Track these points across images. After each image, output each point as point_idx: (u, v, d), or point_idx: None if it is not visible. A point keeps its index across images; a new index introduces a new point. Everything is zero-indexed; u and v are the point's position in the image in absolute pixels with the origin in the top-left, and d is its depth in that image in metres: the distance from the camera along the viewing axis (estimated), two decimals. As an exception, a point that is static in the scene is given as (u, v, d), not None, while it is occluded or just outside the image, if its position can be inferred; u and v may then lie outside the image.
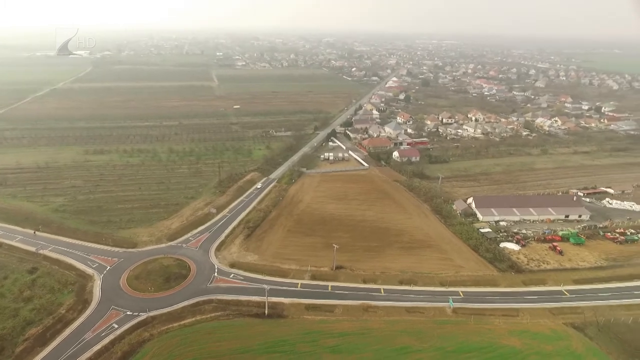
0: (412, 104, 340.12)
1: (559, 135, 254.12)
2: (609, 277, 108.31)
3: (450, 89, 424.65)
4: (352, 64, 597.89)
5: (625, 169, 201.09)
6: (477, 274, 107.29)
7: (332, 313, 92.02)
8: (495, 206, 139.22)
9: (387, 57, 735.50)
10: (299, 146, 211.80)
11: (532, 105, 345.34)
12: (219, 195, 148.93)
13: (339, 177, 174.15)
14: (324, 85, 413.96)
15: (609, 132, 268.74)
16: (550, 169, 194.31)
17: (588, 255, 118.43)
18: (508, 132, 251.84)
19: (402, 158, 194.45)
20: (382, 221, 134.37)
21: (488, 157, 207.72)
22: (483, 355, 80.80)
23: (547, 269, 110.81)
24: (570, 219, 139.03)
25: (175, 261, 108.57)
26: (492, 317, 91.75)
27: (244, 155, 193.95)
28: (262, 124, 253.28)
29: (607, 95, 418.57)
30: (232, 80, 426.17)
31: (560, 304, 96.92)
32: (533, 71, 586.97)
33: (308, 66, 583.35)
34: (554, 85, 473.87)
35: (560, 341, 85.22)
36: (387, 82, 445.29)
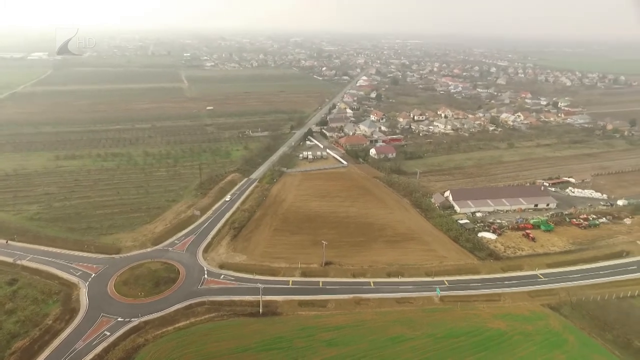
0: (383, 102, 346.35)
1: (522, 130, 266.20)
2: (577, 260, 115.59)
3: (419, 87, 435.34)
4: (322, 63, 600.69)
5: (583, 159, 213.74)
6: (460, 263, 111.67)
7: (325, 308, 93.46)
8: (471, 198, 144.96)
9: (356, 57, 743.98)
10: (277, 146, 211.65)
11: (496, 102, 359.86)
12: (200, 197, 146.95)
13: (320, 175, 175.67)
14: (296, 85, 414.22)
15: (566, 126, 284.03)
16: (517, 162, 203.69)
17: (557, 240, 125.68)
18: (476, 128, 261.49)
19: (379, 155, 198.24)
20: (365, 217, 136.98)
21: (459, 152, 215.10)
22: (471, 339, 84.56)
23: (523, 255, 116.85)
24: (539, 208, 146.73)
25: (163, 265, 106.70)
26: (476, 302, 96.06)
27: (222, 157, 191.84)
28: (238, 124, 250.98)
29: (561, 91, 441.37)
30: (202, 81, 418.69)
31: (537, 287, 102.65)
32: (494, 69, 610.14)
33: (278, 66, 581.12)
34: (514, 82, 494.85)
35: (540, 321, 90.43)
36: (358, 81, 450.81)
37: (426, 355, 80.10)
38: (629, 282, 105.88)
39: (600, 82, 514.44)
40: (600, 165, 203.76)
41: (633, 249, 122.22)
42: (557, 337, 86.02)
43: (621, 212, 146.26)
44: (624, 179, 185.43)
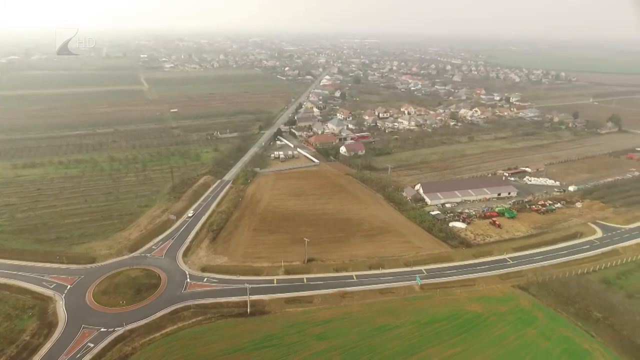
0: (347, 100, 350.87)
1: (480, 124, 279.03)
2: (539, 243, 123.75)
3: (380, 85, 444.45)
4: (284, 63, 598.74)
5: (535, 150, 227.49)
6: (435, 252, 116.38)
7: (311, 303, 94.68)
8: (440, 190, 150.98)
9: (317, 56, 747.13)
10: (247, 147, 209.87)
11: (454, 98, 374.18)
12: (174, 201, 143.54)
13: (293, 174, 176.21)
14: (260, 85, 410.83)
15: (519, 119, 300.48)
16: (478, 154, 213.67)
17: (520, 226, 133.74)
18: (438, 123, 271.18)
19: (350, 152, 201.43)
20: (341, 213, 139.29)
21: (424, 147, 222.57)
22: (452, 322, 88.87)
23: (491, 242, 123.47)
24: (502, 197, 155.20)
25: (143, 272, 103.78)
26: (454, 288, 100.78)
27: (192, 159, 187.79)
28: (205, 126, 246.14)
29: (511, 87, 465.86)
30: (163, 83, 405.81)
31: (506, 270, 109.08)
32: (449, 67, 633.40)
33: (240, 66, 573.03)
34: (468, 79, 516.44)
35: (511, 301, 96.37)
36: (321, 80, 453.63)
37: (412, 341, 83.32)
38: (585, 260, 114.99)
39: (544, 78, 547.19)
40: (551, 155, 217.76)
41: (585, 230, 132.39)
42: (528, 314, 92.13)
43: (573, 197, 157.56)
44: (572, 166, 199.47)
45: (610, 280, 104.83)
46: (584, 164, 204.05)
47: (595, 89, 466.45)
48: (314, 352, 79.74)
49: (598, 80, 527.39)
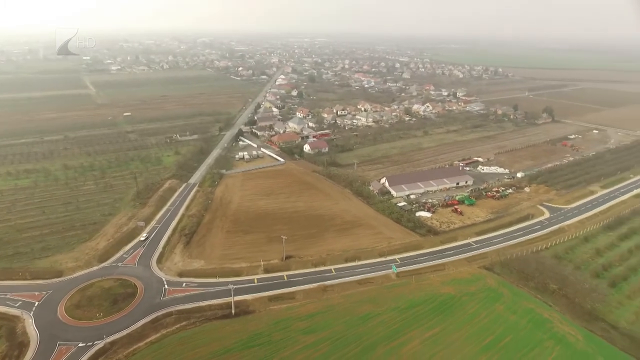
0: (305, 99, 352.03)
1: (432, 119, 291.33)
2: (497, 226, 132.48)
3: (335, 84, 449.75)
4: (237, 63, 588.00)
5: (484, 141, 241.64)
6: (406, 241, 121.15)
7: (294, 299, 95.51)
8: (404, 183, 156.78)
9: (269, 56, 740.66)
10: (210, 148, 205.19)
11: (406, 94, 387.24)
12: (140, 208, 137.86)
13: (260, 174, 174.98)
14: (215, 86, 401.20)
15: (466, 113, 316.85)
16: (433, 147, 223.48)
17: (479, 212, 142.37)
18: (394, 119, 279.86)
19: (313, 150, 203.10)
20: (313, 209, 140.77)
21: (384, 142, 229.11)
22: (429, 305, 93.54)
23: (455, 228, 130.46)
24: (460, 186, 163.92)
25: (117, 281, 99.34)
26: (427, 274, 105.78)
27: (153, 164, 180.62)
28: (162, 129, 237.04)
29: (456, 82, 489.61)
30: (111, 86, 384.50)
31: (472, 253, 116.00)
32: (398, 64, 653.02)
33: (191, 67, 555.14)
34: (417, 76, 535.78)
35: (479, 281, 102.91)
36: (276, 80, 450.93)
37: (394, 326, 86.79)
38: (538, 239, 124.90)
39: (484, 74, 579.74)
40: (498, 145, 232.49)
41: (535, 212, 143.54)
42: (495, 292, 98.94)
43: (521, 182, 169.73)
44: (517, 155, 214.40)
45: (560, 255, 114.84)
46: (527, 152, 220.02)
47: (528, 83, 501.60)
48: (302, 347, 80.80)
49: (530, 75, 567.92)
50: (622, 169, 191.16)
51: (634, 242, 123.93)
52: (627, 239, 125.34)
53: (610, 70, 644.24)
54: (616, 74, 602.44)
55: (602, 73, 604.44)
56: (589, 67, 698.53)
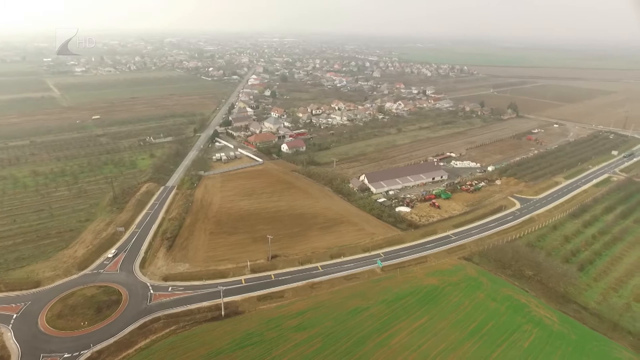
0: (278, 99, 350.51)
1: (405, 116, 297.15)
2: (473, 218, 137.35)
3: (308, 83, 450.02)
4: (207, 64, 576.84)
5: (455, 137, 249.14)
6: (388, 236, 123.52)
7: (283, 298, 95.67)
8: (383, 179, 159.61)
9: (239, 56, 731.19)
10: (186, 150, 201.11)
11: (377, 93, 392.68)
12: (118, 213, 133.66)
13: (239, 174, 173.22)
14: (186, 87, 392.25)
15: (436, 110, 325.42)
16: (408, 144, 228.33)
17: (456, 205, 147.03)
18: (368, 117, 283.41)
19: (291, 149, 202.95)
20: (295, 208, 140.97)
21: (359, 140, 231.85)
22: (415, 297, 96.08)
23: (434, 222, 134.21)
24: (436, 181, 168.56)
25: (100, 289, 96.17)
26: (411, 267, 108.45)
27: (128, 167, 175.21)
28: (135, 132, 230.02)
29: (424, 81, 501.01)
30: (77, 88, 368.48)
31: (451, 245, 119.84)
32: (368, 64, 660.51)
33: (160, 68, 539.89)
34: (387, 75, 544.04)
35: (460, 272, 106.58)
36: (248, 80, 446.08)
37: (383, 319, 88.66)
38: (511, 229, 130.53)
39: (451, 72, 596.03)
40: (468, 140, 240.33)
41: (507, 203, 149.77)
42: (475, 281, 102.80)
43: (492, 176, 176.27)
44: (486, 149, 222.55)
45: (533, 243, 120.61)
46: (495, 146, 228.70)
47: (492, 80, 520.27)
48: (295, 344, 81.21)
49: (493, 73, 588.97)
50: (581, 160, 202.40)
51: (597, 228, 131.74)
52: (590, 226, 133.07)
53: (566, 68, 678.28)
54: (572, 71, 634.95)
55: (559, 71, 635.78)
56: (547, 65, 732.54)
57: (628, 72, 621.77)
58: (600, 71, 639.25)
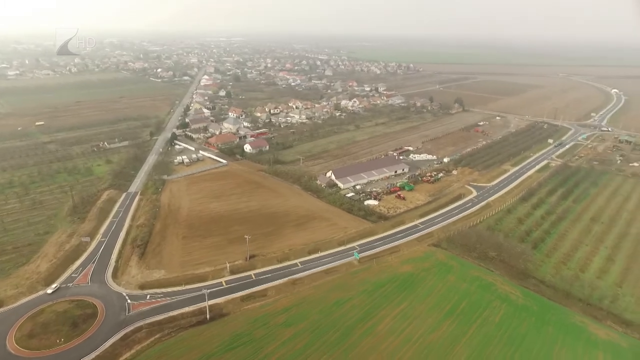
0: (233, 99, 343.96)
1: (361, 113, 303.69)
2: (436, 207, 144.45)
3: (262, 83, 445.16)
4: (154, 65, 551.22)
5: (410, 131, 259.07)
6: (360, 229, 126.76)
7: (267, 296, 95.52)
8: (349, 174, 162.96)
9: (187, 56, 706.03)
10: (144, 154, 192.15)
11: (332, 91, 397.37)
12: (80, 223, 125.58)
13: (205, 177, 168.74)
14: (135, 89, 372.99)
15: (390, 106, 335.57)
16: (367, 140, 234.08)
17: (419, 196, 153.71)
18: (325, 115, 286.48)
19: (254, 149, 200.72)
20: (266, 208, 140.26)
21: (320, 138, 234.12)
22: (393, 284, 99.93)
23: (401, 213, 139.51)
24: (399, 174, 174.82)
25: (72, 303, 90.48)
26: (385, 256, 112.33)
27: (84, 175, 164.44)
28: (85, 137, 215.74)
29: (375, 78, 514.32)
30: (12, 93, 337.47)
31: (420, 234, 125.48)
32: (319, 62, 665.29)
33: (103, 70, 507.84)
34: (338, 73, 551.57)
35: (431, 258, 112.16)
36: (200, 80, 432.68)
37: (366, 308, 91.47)
38: (472, 215, 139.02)
39: (399, 70, 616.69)
40: (422, 134, 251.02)
41: (465, 191, 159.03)
42: (446, 265, 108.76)
43: (449, 166, 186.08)
44: (440, 142, 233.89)
45: (492, 227, 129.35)
46: (447, 139, 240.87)
47: (436, 77, 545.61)
48: (285, 340, 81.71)
49: (437, 70, 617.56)
50: (524, 149, 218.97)
51: (544, 209, 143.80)
52: (538, 208, 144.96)
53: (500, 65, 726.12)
54: (505, 67, 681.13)
55: (495, 67, 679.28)
56: (482, 62, 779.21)
57: (555, 68, 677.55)
58: (529, 67, 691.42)
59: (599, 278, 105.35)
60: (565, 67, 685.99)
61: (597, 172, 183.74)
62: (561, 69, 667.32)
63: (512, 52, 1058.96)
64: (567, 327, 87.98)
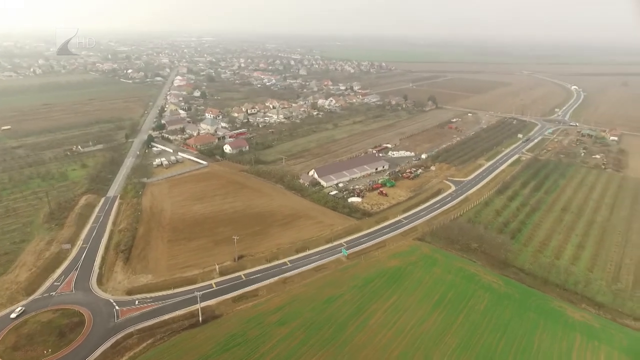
0: (209, 99, 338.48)
1: (337, 112, 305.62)
2: (418, 202, 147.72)
3: (236, 83, 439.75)
4: (124, 65, 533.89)
5: (387, 129, 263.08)
6: (346, 226, 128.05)
7: (258, 296, 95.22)
8: (331, 173, 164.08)
9: (157, 57, 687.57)
10: (121, 158, 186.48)
11: (308, 90, 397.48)
12: (58, 230, 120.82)
13: (186, 179, 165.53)
14: (106, 91, 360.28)
15: (366, 105, 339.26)
16: (346, 138, 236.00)
17: (400, 192, 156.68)
18: (303, 114, 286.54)
19: (235, 149, 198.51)
20: (251, 208, 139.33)
21: (299, 137, 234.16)
22: (381, 279, 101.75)
23: (384, 209, 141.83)
24: (379, 171, 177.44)
25: (56, 312, 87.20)
26: (372, 252, 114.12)
27: (59, 180, 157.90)
28: (57, 141, 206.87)
29: (349, 77, 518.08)
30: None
31: (404, 228, 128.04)
32: (293, 62, 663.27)
33: (70, 72, 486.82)
34: (313, 72, 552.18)
35: (417, 251, 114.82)
36: (173, 81, 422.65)
37: (357, 303, 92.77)
38: (452, 209, 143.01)
39: (372, 69, 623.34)
40: (399, 131, 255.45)
41: (444, 186, 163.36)
42: (431, 258, 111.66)
43: (427, 163, 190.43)
44: (416, 139, 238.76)
45: (472, 219, 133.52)
46: (423, 136, 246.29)
47: (408, 75, 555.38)
48: (280, 338, 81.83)
49: (409, 68, 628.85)
50: (496, 144, 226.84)
51: (519, 201, 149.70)
52: (514, 200, 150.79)
53: (469, 63, 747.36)
54: (474, 65, 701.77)
55: (464, 65, 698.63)
56: (453, 60, 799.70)
57: (520, 66, 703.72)
58: (497, 65, 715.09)
59: (573, 264, 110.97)
60: (529, 65, 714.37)
61: (564, 165, 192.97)
62: (526, 67, 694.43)
63: (481, 50, 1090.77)
64: (546, 312, 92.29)
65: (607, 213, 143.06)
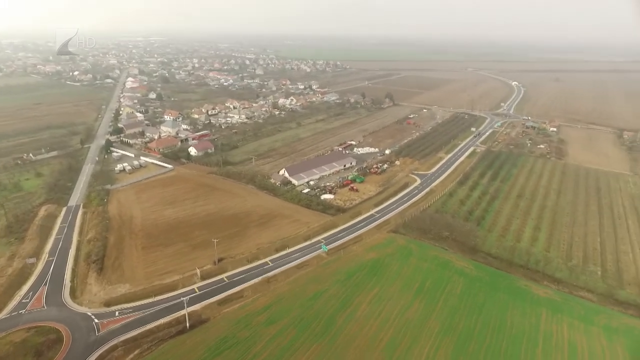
0: (165, 101, 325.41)
1: (299, 111, 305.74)
2: (387, 196, 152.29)
3: (192, 83, 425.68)
4: (69, 67, 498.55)
5: (349, 126, 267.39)
6: (322, 223, 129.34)
7: (244, 297, 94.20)
8: (302, 171, 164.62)
9: (104, 57, 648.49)
10: (79, 164, 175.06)
11: (267, 90, 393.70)
12: (19, 244, 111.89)
13: (152, 183, 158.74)
14: (52, 95, 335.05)
15: (326, 103, 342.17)
16: (310, 136, 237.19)
17: (370, 187, 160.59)
18: (265, 114, 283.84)
19: (200, 152, 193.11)
20: (225, 210, 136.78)
21: (264, 137, 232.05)
22: (362, 272, 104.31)
23: (357, 204, 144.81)
24: (348, 167, 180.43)
25: (29, 331, 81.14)
26: (351, 246, 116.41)
27: (12, 191, 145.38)
28: (4, 150, 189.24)
29: (306, 76, 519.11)
30: None
31: (378, 222, 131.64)
32: (248, 61, 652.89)
33: (9, 75, 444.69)
34: (269, 72, 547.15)
35: (392, 243, 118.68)
36: (125, 83, 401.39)
37: (342, 297, 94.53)
38: (420, 200, 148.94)
39: (327, 68, 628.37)
40: (361, 129, 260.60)
41: (410, 180, 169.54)
42: (406, 249, 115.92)
43: (391, 157, 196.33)
44: (378, 135, 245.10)
45: (440, 210, 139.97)
46: (384, 132, 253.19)
47: (363, 73, 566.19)
48: (271, 337, 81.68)
49: (363, 67, 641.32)
50: (452, 137, 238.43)
51: (479, 191, 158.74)
52: (475, 189, 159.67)
53: (419, 61, 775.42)
54: (423, 63, 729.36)
55: (414, 63, 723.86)
56: (404, 58, 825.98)
57: (464, 63, 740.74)
58: (443, 63, 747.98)
59: (532, 246, 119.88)
60: (473, 62, 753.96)
61: (515, 155, 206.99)
62: (469, 64, 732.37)
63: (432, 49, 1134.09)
64: (515, 292, 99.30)
65: (555, 197, 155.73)
